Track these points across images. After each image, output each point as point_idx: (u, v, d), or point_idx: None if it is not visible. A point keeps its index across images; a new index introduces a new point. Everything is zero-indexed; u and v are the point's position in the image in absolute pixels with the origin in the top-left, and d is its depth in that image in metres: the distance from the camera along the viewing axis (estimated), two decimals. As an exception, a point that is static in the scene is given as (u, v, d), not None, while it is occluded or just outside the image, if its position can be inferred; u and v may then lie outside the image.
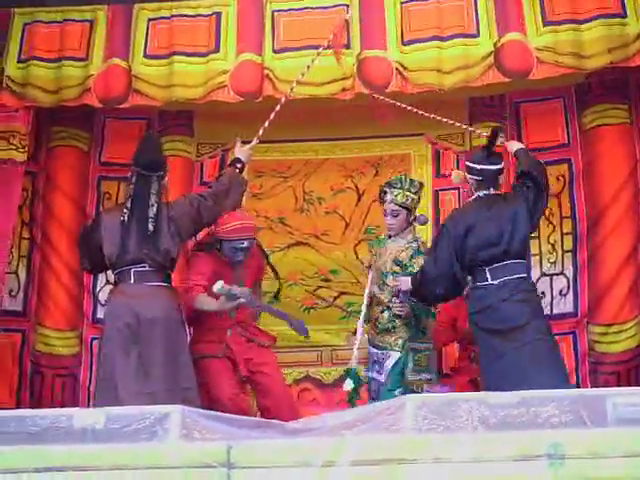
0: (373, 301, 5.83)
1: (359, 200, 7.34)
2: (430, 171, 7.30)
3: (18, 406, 6.56)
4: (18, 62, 6.40)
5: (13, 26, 6.48)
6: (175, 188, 7.34)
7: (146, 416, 4.12)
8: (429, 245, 5.80)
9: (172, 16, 6.40)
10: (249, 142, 7.43)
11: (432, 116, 6.22)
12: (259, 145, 7.49)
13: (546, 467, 3.62)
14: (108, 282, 7.03)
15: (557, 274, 6.85)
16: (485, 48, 6.03)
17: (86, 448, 4.05)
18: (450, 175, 6.21)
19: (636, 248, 6.50)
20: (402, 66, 6.08)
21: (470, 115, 7.27)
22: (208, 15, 6.39)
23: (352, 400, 5.45)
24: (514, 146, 5.70)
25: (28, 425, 4.12)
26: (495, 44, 6.02)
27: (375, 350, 5.69)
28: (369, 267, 5.97)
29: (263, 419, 4.79)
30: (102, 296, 7.08)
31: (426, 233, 7.12)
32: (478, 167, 5.44)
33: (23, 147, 6.49)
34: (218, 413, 4.34)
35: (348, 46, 6.18)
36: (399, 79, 6.08)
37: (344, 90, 6.17)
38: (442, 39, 6.09)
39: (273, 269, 5.97)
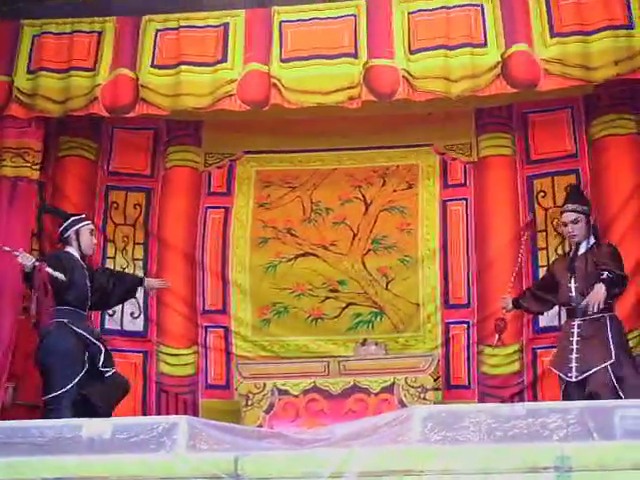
0: None
1: (367, 210, 7.35)
2: (438, 181, 7.30)
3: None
4: (27, 73, 6.42)
5: (22, 38, 6.50)
6: (182, 198, 7.41)
7: (153, 426, 4.13)
8: None
9: (180, 27, 6.41)
10: (257, 152, 7.55)
11: None
12: (267, 155, 7.57)
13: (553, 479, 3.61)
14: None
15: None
16: (492, 58, 6.02)
17: (94, 458, 4.05)
18: None
19: (644, 258, 6.49)
20: (409, 74, 6.07)
21: (477, 126, 7.29)
22: (216, 26, 6.40)
23: None
24: None
25: (35, 436, 4.13)
26: (502, 54, 6.01)
27: None
28: None
29: (270, 430, 4.79)
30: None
31: (434, 241, 7.17)
32: None
33: (36, 164, 6.51)
34: (224, 423, 4.34)
35: (355, 56, 6.19)
36: (406, 87, 6.07)
37: (351, 99, 6.16)
38: (449, 48, 6.08)
39: None
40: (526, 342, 6.84)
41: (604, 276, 5.60)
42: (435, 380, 6.46)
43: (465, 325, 7.00)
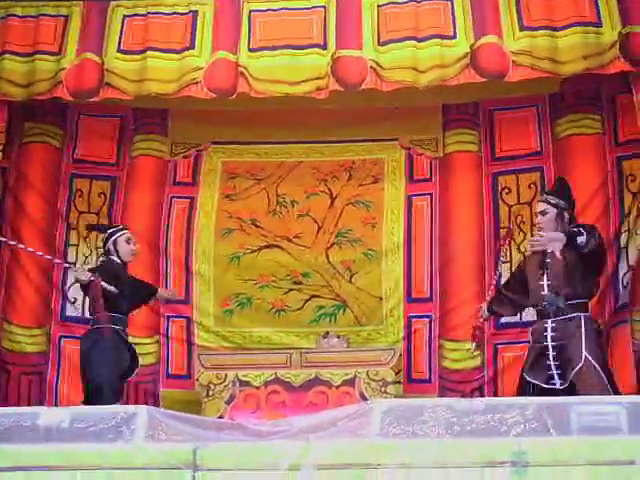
0: None
1: (332, 204, 7.35)
2: (403, 176, 7.32)
3: (-16, 403, 6.50)
4: (-9, 56, 6.34)
5: (-14, 21, 6.42)
6: (148, 187, 7.37)
7: (112, 416, 4.10)
8: None
9: (148, 13, 6.35)
10: (224, 143, 7.52)
11: None
12: (233, 147, 7.54)
13: (510, 474, 3.64)
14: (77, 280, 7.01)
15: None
16: (461, 49, 6.02)
17: (51, 447, 4.01)
18: None
19: (606, 257, 6.53)
20: (377, 64, 6.06)
21: (443, 122, 7.31)
22: (184, 13, 6.35)
23: None
24: None
25: (-9, 423, 4.09)
26: (471, 46, 6.01)
27: None
28: None
29: (229, 421, 4.78)
30: (71, 294, 7.04)
31: (398, 235, 7.19)
32: None
33: None
34: (184, 414, 4.32)
35: (324, 47, 6.17)
36: (374, 77, 6.06)
37: (319, 89, 6.14)
38: (419, 40, 6.08)
39: None
40: (487, 338, 6.87)
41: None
42: (396, 374, 6.48)
43: (427, 319, 7.04)
